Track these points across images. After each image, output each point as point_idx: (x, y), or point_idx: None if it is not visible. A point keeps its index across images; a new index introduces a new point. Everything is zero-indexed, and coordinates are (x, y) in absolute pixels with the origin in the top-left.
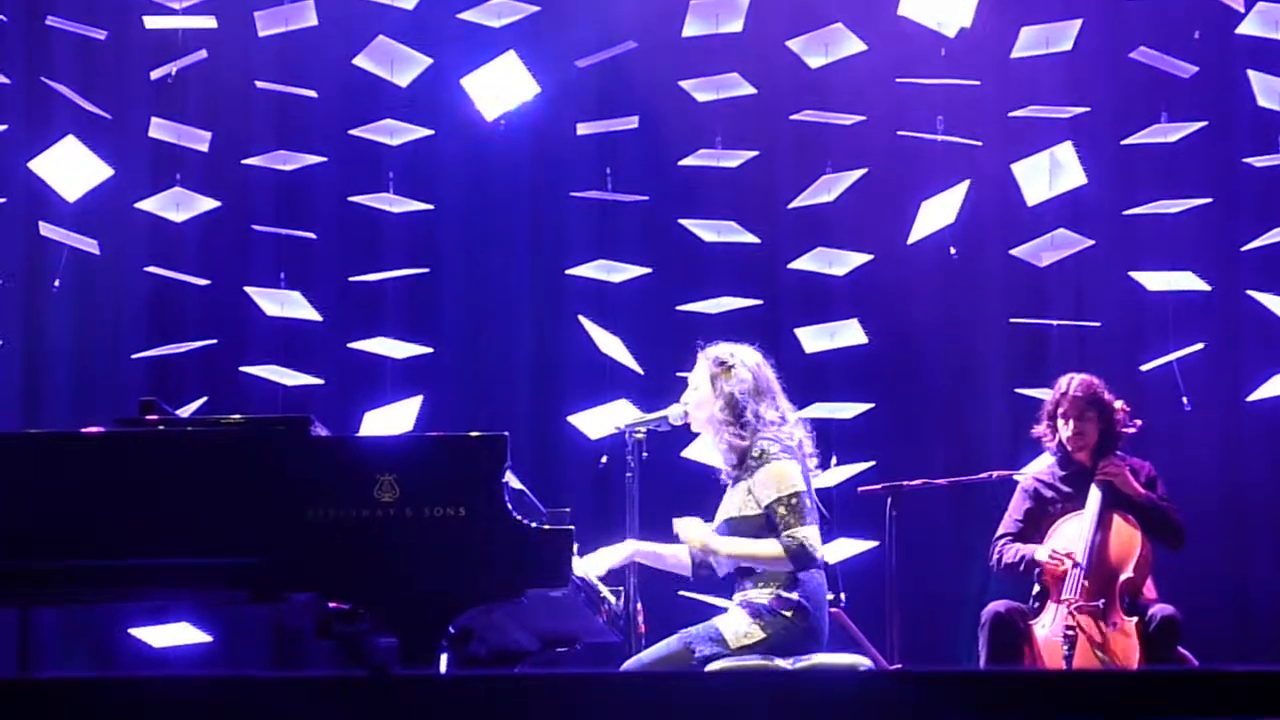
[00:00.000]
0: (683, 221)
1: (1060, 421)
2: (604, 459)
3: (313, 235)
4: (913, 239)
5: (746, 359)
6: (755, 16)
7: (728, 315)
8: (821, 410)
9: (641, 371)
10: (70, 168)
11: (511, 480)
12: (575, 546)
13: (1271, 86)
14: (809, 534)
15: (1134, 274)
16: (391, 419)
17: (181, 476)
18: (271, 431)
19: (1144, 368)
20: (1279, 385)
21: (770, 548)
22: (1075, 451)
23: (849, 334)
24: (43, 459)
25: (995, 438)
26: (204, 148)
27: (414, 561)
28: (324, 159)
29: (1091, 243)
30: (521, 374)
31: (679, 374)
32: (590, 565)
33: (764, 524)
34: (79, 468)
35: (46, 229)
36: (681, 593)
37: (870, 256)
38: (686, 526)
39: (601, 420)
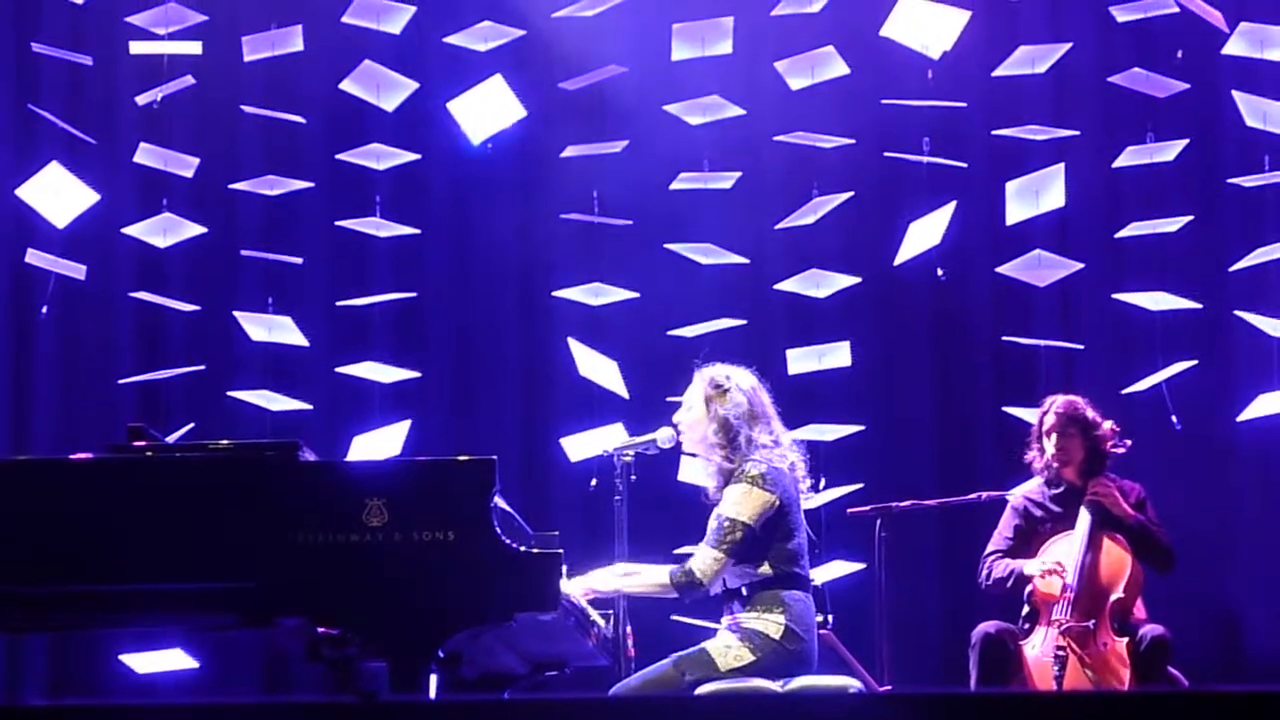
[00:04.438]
0: (669, 246)
1: (1045, 440)
2: (594, 482)
3: (299, 260)
4: (900, 260)
5: (742, 382)
6: (742, 40)
7: (715, 336)
8: (810, 432)
9: (627, 396)
10: (57, 194)
11: (500, 503)
12: (564, 569)
13: (1258, 106)
14: (706, 564)
15: (1123, 295)
16: (380, 443)
17: (170, 502)
18: (260, 456)
19: (1126, 390)
20: (1268, 405)
21: (658, 576)
22: (1061, 468)
23: (837, 356)
24: (31, 486)
25: (984, 459)
26: (190, 173)
27: (403, 586)
28: (311, 184)
29: (1081, 266)
30: (510, 397)
31: (669, 399)
32: (574, 589)
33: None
34: (67, 494)
35: (33, 256)
36: (674, 617)
37: (859, 279)
38: (590, 579)
39: (592, 443)
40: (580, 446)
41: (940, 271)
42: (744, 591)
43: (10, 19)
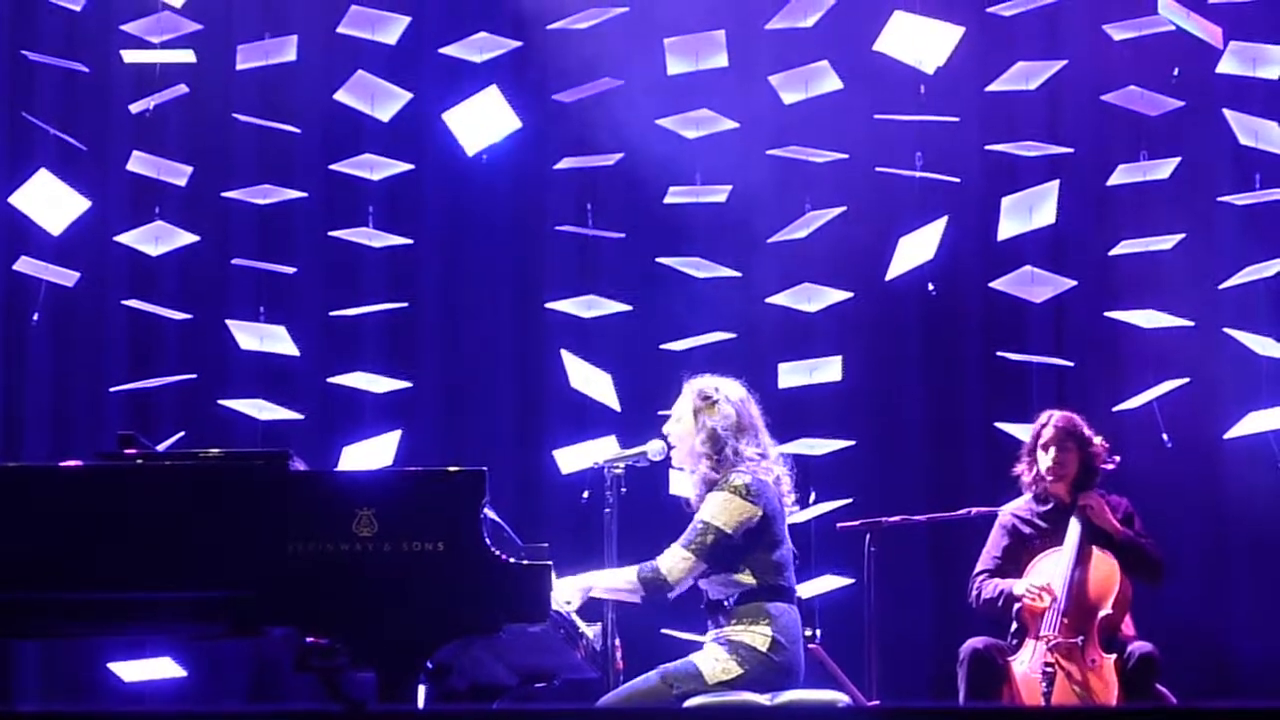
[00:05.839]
0: (662, 259)
1: (1040, 453)
2: (586, 494)
3: (292, 269)
4: (891, 275)
5: (731, 394)
6: (736, 54)
7: (707, 350)
8: (801, 446)
9: (618, 408)
10: (49, 201)
11: (490, 515)
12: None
13: (1250, 125)
14: (673, 563)
15: (1114, 313)
16: (370, 453)
17: (160, 510)
18: (250, 466)
19: (1117, 408)
20: (1257, 423)
21: (626, 573)
22: (1054, 483)
23: (828, 370)
24: (21, 493)
25: (974, 474)
26: (183, 182)
27: (392, 596)
28: (304, 194)
29: (1074, 283)
30: (502, 408)
31: (661, 412)
32: (557, 597)
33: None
34: (58, 501)
35: (23, 264)
36: (665, 630)
37: (850, 293)
38: (570, 582)
39: (584, 455)
40: (572, 458)
41: (931, 287)
42: (727, 604)
43: (4, 26)
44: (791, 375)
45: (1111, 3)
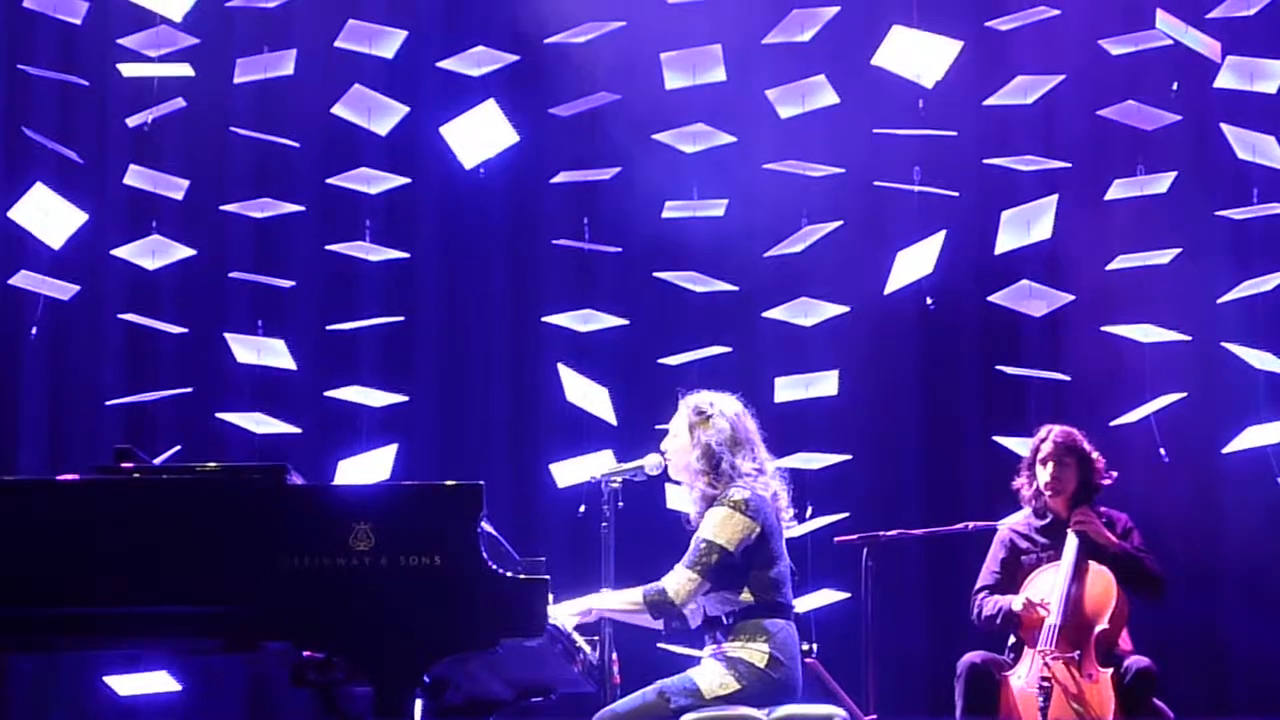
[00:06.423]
0: (659, 274)
1: (1039, 467)
2: (582, 508)
3: (290, 283)
4: (890, 289)
5: (726, 409)
6: (733, 68)
7: (704, 364)
8: (797, 460)
9: (615, 422)
10: (46, 215)
11: (487, 528)
12: (550, 596)
13: (1247, 139)
14: (679, 584)
15: (1112, 327)
16: (367, 467)
17: (156, 524)
18: (247, 480)
19: (1115, 422)
20: (1255, 437)
21: (631, 594)
22: (1052, 498)
23: (824, 385)
24: (17, 506)
25: (971, 488)
26: (180, 195)
27: (389, 610)
28: (301, 207)
29: (1071, 297)
30: (498, 422)
31: (657, 426)
32: (558, 615)
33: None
34: (54, 515)
35: (20, 277)
36: (660, 645)
37: (847, 308)
38: (567, 604)
39: (580, 469)
40: (568, 472)
41: (929, 301)
42: (725, 620)
43: (2, 40)
44: (788, 389)
45: (1109, 17)
